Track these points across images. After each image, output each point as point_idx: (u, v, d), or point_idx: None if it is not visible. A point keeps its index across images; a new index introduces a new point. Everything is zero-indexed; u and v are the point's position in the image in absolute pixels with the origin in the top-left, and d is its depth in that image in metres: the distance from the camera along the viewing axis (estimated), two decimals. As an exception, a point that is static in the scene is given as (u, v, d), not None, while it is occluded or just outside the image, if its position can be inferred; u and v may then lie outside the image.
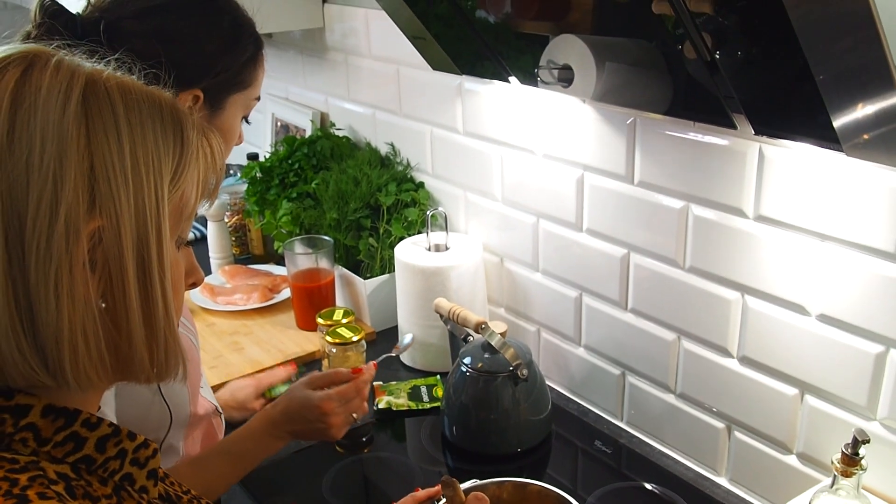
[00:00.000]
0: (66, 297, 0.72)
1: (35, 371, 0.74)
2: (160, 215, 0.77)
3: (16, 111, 0.72)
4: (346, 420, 1.48)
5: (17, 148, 0.71)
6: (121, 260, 0.75)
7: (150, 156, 0.76)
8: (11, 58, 0.74)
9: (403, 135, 2.23)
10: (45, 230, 0.71)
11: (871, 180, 1.20)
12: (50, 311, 0.72)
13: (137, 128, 0.76)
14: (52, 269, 0.71)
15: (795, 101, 1.17)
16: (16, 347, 0.72)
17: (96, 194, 0.73)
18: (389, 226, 2.14)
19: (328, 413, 1.44)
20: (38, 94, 0.72)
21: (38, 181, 0.71)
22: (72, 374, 0.75)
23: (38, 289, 0.71)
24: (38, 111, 0.72)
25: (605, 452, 1.71)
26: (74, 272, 0.73)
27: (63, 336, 0.73)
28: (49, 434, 0.76)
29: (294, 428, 1.44)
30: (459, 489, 1.20)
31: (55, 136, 0.72)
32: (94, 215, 0.73)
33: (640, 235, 1.61)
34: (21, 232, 0.71)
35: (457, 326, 1.76)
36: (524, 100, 1.78)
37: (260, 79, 1.41)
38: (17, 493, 0.70)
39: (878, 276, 1.24)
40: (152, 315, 0.78)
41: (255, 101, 1.42)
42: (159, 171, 0.77)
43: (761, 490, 1.52)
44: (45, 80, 0.73)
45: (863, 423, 1.31)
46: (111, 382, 0.81)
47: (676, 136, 1.47)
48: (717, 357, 1.53)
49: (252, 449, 1.41)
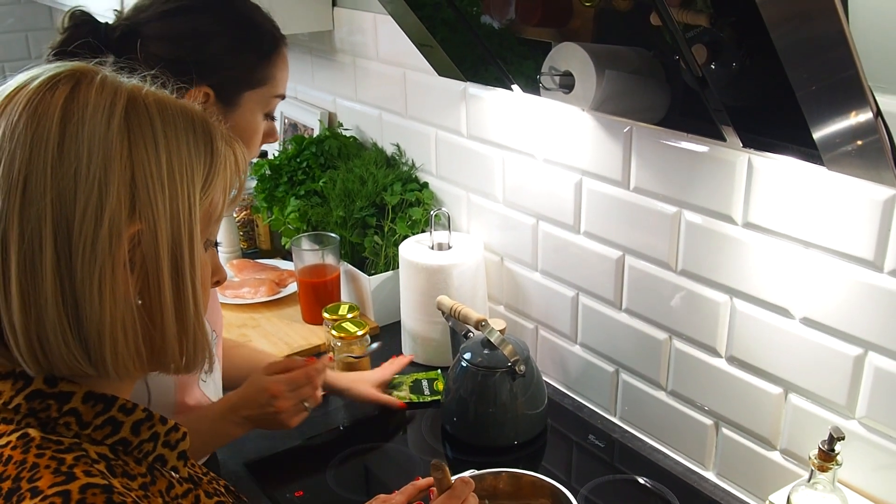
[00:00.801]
0: (108, 295, 0.79)
1: (78, 361, 0.80)
2: (192, 220, 0.84)
3: (65, 125, 0.78)
4: (296, 407, 1.48)
5: (67, 159, 0.77)
6: (157, 261, 0.82)
7: (185, 166, 0.83)
8: (61, 75, 0.81)
9: (409, 136, 2.27)
10: (90, 234, 0.78)
11: (853, 192, 1.26)
12: (94, 307, 0.79)
13: (173, 140, 0.83)
14: (97, 269, 0.78)
15: (780, 115, 1.22)
16: (62, 340, 0.79)
17: (136, 201, 0.80)
18: (394, 224, 2.18)
19: (276, 396, 1.45)
20: (85, 109, 0.79)
21: (84, 189, 0.77)
22: (112, 365, 0.81)
23: (84, 287, 0.78)
24: (85, 125, 0.79)
25: (599, 446, 1.76)
26: (116, 272, 0.79)
27: (105, 330, 0.80)
28: (90, 418, 0.83)
29: (248, 413, 1.45)
30: (448, 473, 1.24)
31: (101, 148, 0.78)
32: (135, 220, 0.80)
33: (634, 238, 1.66)
34: (69, 235, 0.77)
35: (458, 323, 1.80)
36: (526, 107, 1.82)
37: (279, 77, 1.41)
38: (64, 471, 0.76)
39: (858, 282, 1.29)
40: (184, 311, 0.85)
41: (278, 99, 1.43)
42: (192, 180, 0.84)
43: (746, 484, 1.58)
44: (92, 97, 0.80)
45: (842, 421, 1.37)
46: (145, 372, 0.87)
47: (670, 145, 1.52)
48: (706, 357, 1.58)
49: (207, 430, 1.42)
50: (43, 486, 0.75)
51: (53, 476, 0.76)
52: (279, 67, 1.41)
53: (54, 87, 0.80)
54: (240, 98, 1.37)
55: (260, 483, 1.63)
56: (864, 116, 1.04)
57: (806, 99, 1.08)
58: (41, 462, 0.77)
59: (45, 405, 0.82)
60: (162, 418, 0.89)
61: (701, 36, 1.20)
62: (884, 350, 1.29)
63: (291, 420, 1.49)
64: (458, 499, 1.20)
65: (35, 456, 0.78)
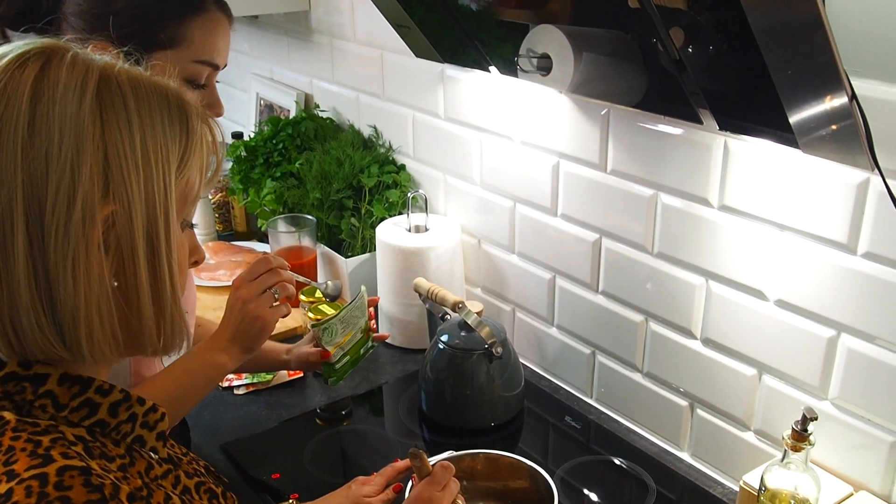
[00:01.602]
0: (82, 277, 0.78)
1: (53, 345, 0.80)
2: (168, 200, 0.83)
3: (36, 105, 0.77)
4: (265, 299, 1.39)
5: (38, 139, 0.76)
6: (132, 242, 0.81)
7: (159, 145, 0.82)
8: (30, 53, 0.79)
9: (386, 118, 2.27)
10: (63, 215, 0.76)
11: (828, 176, 1.27)
12: (68, 290, 0.78)
13: (147, 119, 0.82)
14: (70, 251, 0.77)
15: (756, 99, 1.23)
16: (35, 323, 0.78)
17: (110, 182, 0.79)
18: (371, 206, 2.18)
19: (239, 289, 1.38)
20: (56, 88, 0.78)
21: (56, 170, 0.76)
22: (87, 348, 0.80)
23: (57, 269, 0.77)
24: (56, 104, 0.77)
25: (575, 428, 1.77)
26: (90, 254, 0.78)
27: (80, 313, 0.79)
28: (66, 400, 0.82)
29: (228, 333, 1.38)
30: (427, 460, 1.24)
31: (72, 128, 0.77)
32: (108, 201, 0.79)
33: (611, 221, 1.66)
34: (41, 217, 0.76)
35: (435, 305, 1.80)
36: (503, 89, 1.82)
37: (199, 41, 1.32)
38: (41, 453, 0.76)
39: (832, 265, 1.30)
40: (161, 293, 0.84)
41: (204, 66, 1.34)
42: (167, 159, 0.83)
43: (720, 464, 1.59)
44: (63, 75, 0.78)
45: (815, 402, 1.38)
46: (122, 356, 0.86)
47: (647, 127, 1.53)
48: (681, 339, 1.59)
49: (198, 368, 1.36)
50: (19, 469, 0.74)
51: (30, 459, 0.75)
52: (201, 30, 1.32)
53: (23, 65, 0.78)
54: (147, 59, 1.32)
55: (236, 465, 1.63)
56: (840, 100, 1.05)
57: (782, 82, 1.09)
58: (17, 445, 0.77)
59: (19, 388, 0.81)
60: (140, 399, 0.88)
61: (678, 19, 1.20)
62: (856, 332, 1.30)
63: (266, 314, 1.38)
64: (438, 485, 1.20)
65: (10, 439, 0.77)
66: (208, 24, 1.33)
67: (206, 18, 1.33)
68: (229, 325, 1.39)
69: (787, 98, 1.11)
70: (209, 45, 1.34)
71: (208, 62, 1.35)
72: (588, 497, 1.56)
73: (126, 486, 0.79)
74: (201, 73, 1.35)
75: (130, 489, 0.79)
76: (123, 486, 0.78)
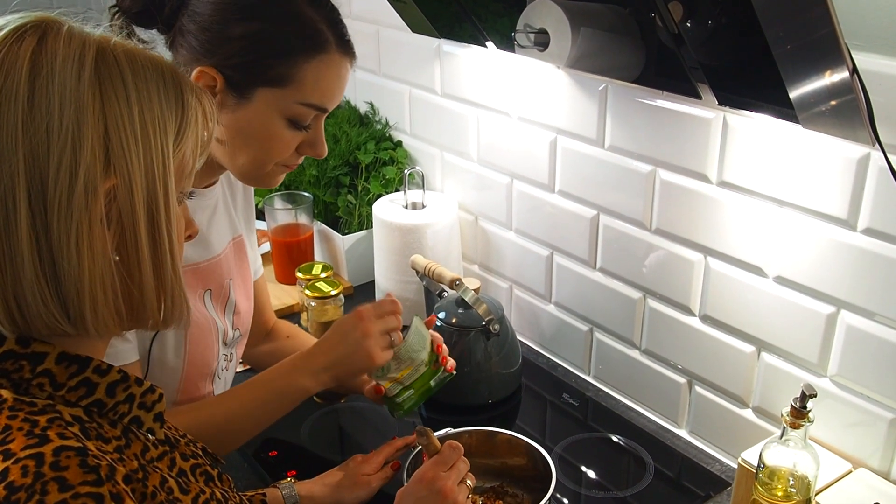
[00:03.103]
0: (86, 251, 0.78)
1: (57, 320, 0.79)
2: (167, 173, 0.83)
3: (35, 78, 0.76)
4: (383, 337, 1.34)
5: (38, 113, 0.76)
6: (133, 215, 0.81)
7: (157, 118, 0.82)
8: (27, 26, 0.78)
9: (382, 94, 2.25)
10: (65, 190, 0.76)
11: (827, 151, 1.26)
12: (72, 264, 0.77)
13: (144, 92, 0.81)
14: (73, 225, 0.77)
15: (756, 73, 1.21)
16: (40, 299, 0.78)
17: (111, 155, 0.78)
18: (368, 183, 2.17)
19: (363, 318, 1.33)
20: (54, 61, 0.77)
21: (58, 144, 0.76)
22: (91, 323, 0.80)
23: (61, 244, 0.77)
24: (55, 78, 0.76)
25: (573, 405, 1.77)
26: (93, 228, 0.78)
27: (84, 287, 0.79)
28: (63, 379, 0.82)
29: (326, 359, 1.32)
30: (434, 437, 1.24)
31: (73, 101, 0.77)
32: (110, 175, 0.79)
33: (609, 197, 1.65)
34: (43, 192, 0.76)
35: (432, 282, 1.79)
36: (501, 64, 1.81)
37: (309, 83, 1.24)
38: (38, 433, 0.75)
39: (831, 241, 1.29)
40: (161, 265, 0.84)
41: (308, 109, 1.26)
42: (165, 132, 0.82)
43: (719, 441, 1.59)
44: (60, 48, 0.78)
45: (814, 379, 1.38)
46: (124, 329, 0.86)
47: (646, 103, 1.51)
48: (679, 315, 1.59)
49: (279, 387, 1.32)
50: (15, 449, 0.74)
51: (26, 438, 0.75)
52: (314, 72, 1.24)
53: (20, 38, 0.77)
54: (252, 93, 1.23)
55: (234, 443, 1.62)
56: (841, 75, 1.04)
57: (782, 57, 1.07)
58: (14, 424, 0.76)
59: (17, 366, 0.81)
60: (137, 380, 0.88)
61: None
62: (856, 308, 1.29)
63: (377, 351, 1.32)
64: (445, 464, 1.19)
65: (7, 418, 0.77)
66: (323, 67, 1.25)
67: (323, 61, 1.25)
68: (332, 352, 1.33)
69: (787, 73, 1.09)
70: (320, 88, 1.26)
71: (315, 106, 1.26)
72: (586, 474, 1.56)
73: (122, 467, 0.79)
74: (306, 115, 1.27)
75: (126, 471, 0.79)
76: (119, 468, 0.78)
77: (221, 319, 1.41)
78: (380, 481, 1.40)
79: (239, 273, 1.46)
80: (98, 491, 0.73)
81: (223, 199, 1.44)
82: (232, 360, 1.48)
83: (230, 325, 1.44)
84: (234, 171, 1.32)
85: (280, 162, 1.31)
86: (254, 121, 1.25)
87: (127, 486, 0.77)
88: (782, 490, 1.26)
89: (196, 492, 0.90)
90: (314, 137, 1.31)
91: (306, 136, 1.30)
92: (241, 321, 1.47)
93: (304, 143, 1.31)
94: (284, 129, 1.26)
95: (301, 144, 1.30)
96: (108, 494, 0.73)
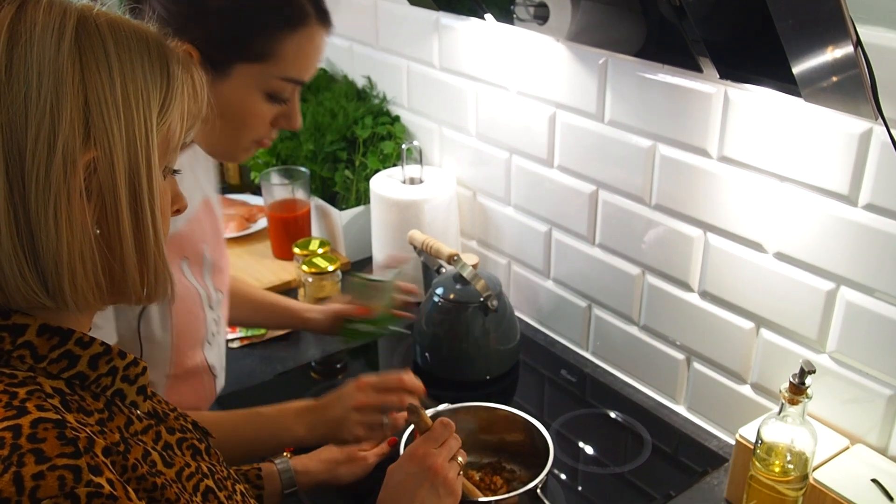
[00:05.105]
0: (64, 225, 0.76)
1: (36, 293, 0.78)
2: (150, 146, 0.81)
3: (13, 47, 0.74)
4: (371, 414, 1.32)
5: (16, 84, 0.74)
6: (114, 189, 0.79)
7: (140, 90, 0.80)
8: None
9: (380, 68, 2.24)
10: (43, 162, 0.74)
11: (829, 125, 1.25)
12: (50, 237, 0.76)
13: (127, 63, 0.79)
14: (52, 198, 0.75)
15: (759, 47, 1.20)
16: (18, 272, 0.76)
17: (91, 127, 0.76)
18: (365, 158, 2.16)
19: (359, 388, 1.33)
20: (33, 30, 0.75)
21: (35, 115, 0.74)
22: (70, 296, 0.79)
23: (39, 217, 0.75)
24: (34, 47, 0.75)
25: (571, 381, 1.77)
26: (72, 201, 0.76)
27: (62, 261, 0.77)
28: (44, 352, 0.81)
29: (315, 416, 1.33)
30: (425, 415, 1.23)
31: (51, 72, 0.75)
32: (90, 147, 0.77)
33: (608, 173, 1.64)
34: (21, 163, 0.74)
35: (430, 258, 1.79)
36: (499, 37, 1.79)
37: (289, 57, 1.22)
38: (16, 405, 0.74)
39: (831, 216, 1.29)
40: (144, 240, 0.82)
41: (287, 83, 1.25)
42: (148, 104, 0.80)
43: (717, 418, 1.59)
44: (40, 17, 0.76)
45: (813, 355, 1.38)
46: (105, 304, 0.85)
47: (646, 77, 1.50)
48: (678, 291, 1.58)
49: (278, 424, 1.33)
50: None
51: (4, 410, 0.74)
52: (295, 46, 1.22)
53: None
54: (230, 69, 1.21)
55: (231, 419, 1.62)
56: (845, 49, 1.02)
57: (786, 31, 1.06)
58: None
59: None
60: (121, 352, 0.87)
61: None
62: (855, 284, 1.29)
63: (358, 429, 1.31)
64: (436, 441, 1.18)
65: None
66: (304, 40, 1.23)
67: (304, 34, 1.23)
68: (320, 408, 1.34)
69: (790, 47, 1.08)
70: (300, 62, 1.24)
71: (295, 80, 1.26)
72: (583, 450, 1.56)
73: (102, 440, 0.78)
74: (285, 89, 1.26)
75: (107, 443, 0.78)
76: (99, 440, 0.77)
77: (202, 284, 1.40)
78: (376, 457, 1.40)
79: (212, 233, 1.44)
80: (76, 463, 0.72)
81: (188, 162, 1.41)
82: (221, 324, 1.48)
83: (212, 288, 1.42)
84: (206, 147, 1.31)
85: (255, 138, 1.30)
86: (231, 97, 1.23)
87: (106, 458, 0.76)
88: (780, 466, 1.26)
89: (181, 465, 0.90)
90: (291, 110, 1.30)
91: (283, 110, 1.28)
92: (221, 281, 1.46)
93: (280, 117, 1.29)
94: (262, 104, 1.25)
95: (276, 118, 1.29)
96: (86, 466, 0.73)
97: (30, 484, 0.70)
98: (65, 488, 0.70)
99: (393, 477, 1.16)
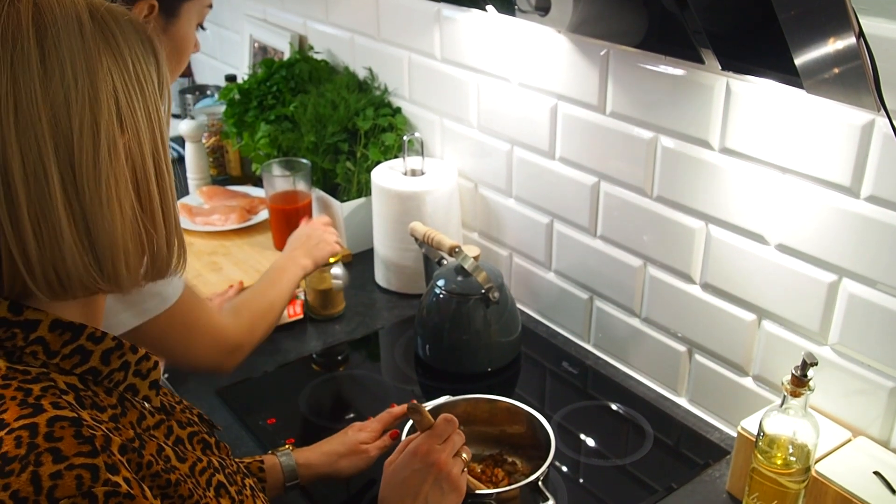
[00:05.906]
0: (116, 209, 0.79)
1: (95, 279, 0.80)
2: (162, 124, 0.84)
3: (43, 41, 0.75)
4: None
5: (53, 77, 0.75)
6: (145, 169, 0.82)
7: (145, 72, 0.82)
8: None
9: (381, 60, 2.23)
10: (91, 150, 0.76)
11: (831, 117, 1.24)
12: (105, 223, 0.78)
13: (134, 47, 0.82)
14: (102, 184, 0.78)
15: (760, 38, 1.19)
16: (80, 262, 0.78)
17: (122, 112, 0.79)
18: (366, 150, 2.16)
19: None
20: (55, 22, 0.76)
21: (77, 105, 0.76)
22: (125, 278, 0.82)
23: (93, 205, 0.77)
24: (61, 38, 0.76)
25: (572, 373, 1.77)
26: (119, 185, 0.79)
27: (118, 244, 0.80)
28: (57, 347, 0.81)
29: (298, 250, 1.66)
30: (426, 413, 1.22)
31: (83, 60, 0.76)
32: (124, 131, 0.79)
33: (610, 164, 1.64)
34: (70, 154, 0.76)
35: (431, 250, 1.79)
36: (501, 29, 1.79)
37: None
38: (31, 403, 0.74)
39: (834, 208, 1.28)
40: (169, 214, 0.86)
41: (208, 9, 1.43)
42: (153, 84, 0.83)
43: (718, 410, 1.59)
44: (56, 9, 0.77)
45: (815, 347, 1.37)
46: (148, 281, 0.87)
47: (648, 68, 1.49)
48: (680, 283, 1.58)
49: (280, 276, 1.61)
50: (9, 419, 0.73)
51: (20, 408, 0.74)
52: None
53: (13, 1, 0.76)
54: (179, 8, 1.36)
55: (232, 411, 1.63)
56: (847, 40, 1.02)
57: (788, 21, 1.05)
58: (7, 393, 0.75)
59: (10, 334, 0.80)
60: (132, 347, 0.87)
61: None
62: (858, 276, 1.28)
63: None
64: (439, 438, 1.17)
65: (0, 387, 0.76)
66: None
67: None
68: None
69: (792, 38, 1.07)
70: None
71: (210, 4, 1.42)
72: (585, 442, 1.56)
73: (118, 437, 0.78)
74: (205, 14, 1.42)
75: (122, 440, 0.78)
76: (115, 438, 0.77)
77: None
78: (378, 450, 1.39)
79: None
80: (93, 462, 0.72)
81: None
82: None
83: None
84: None
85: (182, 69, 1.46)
86: (179, 34, 1.37)
87: (122, 456, 0.77)
88: (782, 458, 1.25)
89: (193, 460, 0.90)
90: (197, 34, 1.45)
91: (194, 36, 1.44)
92: None
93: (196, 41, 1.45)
94: (194, 34, 1.41)
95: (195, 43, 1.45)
96: (104, 465, 0.73)
97: (47, 483, 0.70)
98: (82, 488, 0.71)
99: (396, 473, 1.15)
